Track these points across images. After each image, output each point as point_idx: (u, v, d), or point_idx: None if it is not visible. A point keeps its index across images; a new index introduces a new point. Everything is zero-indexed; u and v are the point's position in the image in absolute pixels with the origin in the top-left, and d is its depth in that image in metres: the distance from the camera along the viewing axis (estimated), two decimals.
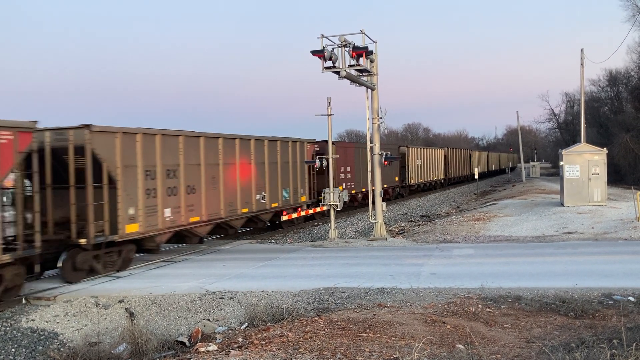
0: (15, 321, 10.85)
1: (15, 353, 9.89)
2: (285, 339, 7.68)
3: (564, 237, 18.12)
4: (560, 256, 14.66)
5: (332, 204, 20.51)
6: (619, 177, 46.16)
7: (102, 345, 9.97)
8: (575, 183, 24.10)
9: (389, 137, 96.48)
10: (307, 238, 22.61)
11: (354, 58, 17.68)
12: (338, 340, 7.53)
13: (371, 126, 19.85)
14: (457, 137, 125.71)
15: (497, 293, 10.54)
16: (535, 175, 64.12)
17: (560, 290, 10.62)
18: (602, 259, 14.16)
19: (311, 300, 11.08)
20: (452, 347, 7.37)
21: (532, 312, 9.35)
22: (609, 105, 59.65)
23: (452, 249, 16.81)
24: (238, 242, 20.01)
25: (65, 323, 10.95)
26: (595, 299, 9.94)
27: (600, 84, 60.02)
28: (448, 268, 13.63)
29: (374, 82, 19.46)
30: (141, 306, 11.42)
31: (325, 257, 16.19)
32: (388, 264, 14.42)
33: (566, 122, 75.91)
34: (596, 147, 25.22)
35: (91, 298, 11.84)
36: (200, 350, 7.89)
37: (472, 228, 21.45)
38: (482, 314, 9.17)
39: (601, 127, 54.65)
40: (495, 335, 8.07)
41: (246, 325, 9.69)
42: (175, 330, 10.53)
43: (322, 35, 17.40)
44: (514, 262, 14.08)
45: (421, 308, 9.57)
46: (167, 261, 16.16)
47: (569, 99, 76.72)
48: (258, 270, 14.40)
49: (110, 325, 10.87)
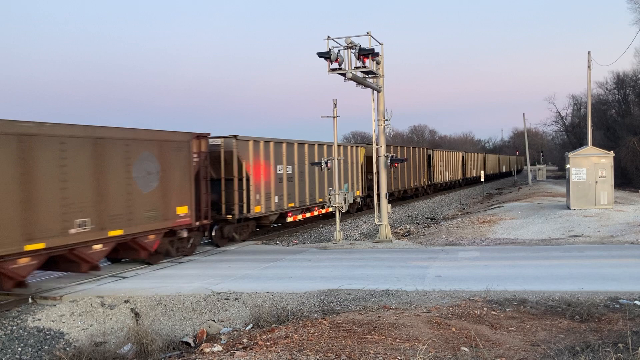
0: (22, 320, 10.90)
1: (22, 352, 9.94)
2: (290, 341, 7.69)
3: (570, 241, 18.05)
4: (566, 259, 14.61)
5: (338, 206, 20.50)
6: (626, 180, 45.95)
7: (107, 345, 10.02)
8: (581, 186, 24.01)
9: (395, 138, 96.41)
10: (312, 239, 22.62)
11: (360, 60, 17.69)
12: (343, 342, 7.54)
13: (377, 128, 19.84)
14: (463, 139, 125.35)
15: (503, 296, 10.51)
16: (541, 178, 63.87)
17: (566, 293, 10.59)
18: (608, 262, 14.09)
19: (316, 301, 11.08)
20: (456, 349, 7.36)
21: (537, 315, 9.33)
22: (616, 108, 59.42)
23: (458, 251, 16.78)
24: (243, 243, 20.04)
25: (71, 323, 11.00)
26: (601, 303, 9.91)
27: (608, 86, 59.84)
28: (453, 271, 13.60)
29: (380, 84, 19.45)
30: (146, 306, 11.46)
31: (330, 258, 16.19)
32: (393, 266, 14.41)
33: (573, 124, 75.60)
34: (603, 150, 25.11)
35: (97, 298, 11.89)
36: (205, 351, 7.91)
37: (478, 230, 21.40)
38: (487, 317, 9.16)
39: (608, 130, 54.44)
40: (500, 338, 8.06)
41: (251, 327, 9.71)
42: (181, 331, 10.57)
43: (329, 37, 17.43)
44: (519, 265, 14.04)
45: (426, 310, 9.56)
46: (173, 262, 16.20)
47: (576, 102, 76.41)
48: (263, 272, 14.42)
49: (116, 326, 10.91)
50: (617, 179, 28.94)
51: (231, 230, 19.32)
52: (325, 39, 17.37)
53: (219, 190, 18.69)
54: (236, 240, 19.61)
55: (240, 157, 18.93)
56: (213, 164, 18.48)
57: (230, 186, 18.94)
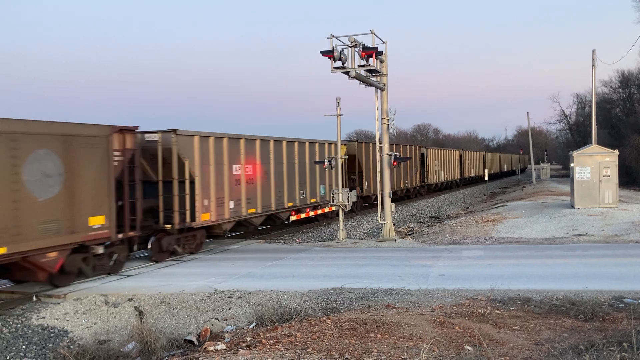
0: (26, 318, 10.94)
1: (26, 350, 9.97)
2: (293, 339, 7.69)
3: (574, 240, 18.01)
4: (570, 258, 14.57)
5: (341, 204, 20.50)
6: (630, 179, 45.81)
7: (111, 344, 10.05)
8: (586, 185, 23.93)
9: (399, 137, 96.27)
10: (316, 238, 22.62)
11: (363, 58, 17.66)
12: (346, 341, 7.53)
13: (380, 127, 19.82)
14: (467, 138, 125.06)
15: (506, 295, 10.50)
16: (545, 176, 63.69)
17: (570, 292, 10.56)
18: (612, 261, 14.05)
19: (319, 300, 11.09)
20: (460, 348, 7.35)
21: (541, 314, 9.31)
22: (620, 107, 59.17)
23: (461, 250, 16.76)
24: (246, 242, 20.07)
25: (75, 321, 11.03)
26: (605, 302, 9.88)
27: (612, 85, 59.56)
28: (457, 269, 13.59)
29: (384, 83, 19.43)
30: (150, 305, 11.49)
31: (333, 257, 16.19)
32: (396, 265, 14.40)
33: (577, 123, 75.35)
34: (607, 149, 25.01)
35: (101, 296, 11.92)
36: (208, 349, 7.92)
37: (482, 229, 21.36)
38: (490, 316, 9.14)
39: (613, 129, 54.22)
40: (504, 337, 8.04)
41: (254, 325, 9.73)
42: (184, 329, 10.59)
43: (332, 36, 17.40)
44: (523, 264, 14.01)
45: (430, 309, 9.55)
46: (176, 260, 16.23)
47: (580, 100, 76.13)
48: (266, 270, 14.43)
49: (120, 324, 10.93)
50: (621, 178, 28.80)
51: (172, 243, 16.29)
52: (329, 38, 17.36)
53: (156, 195, 16.14)
54: (179, 253, 16.60)
55: (182, 155, 16.17)
56: (151, 164, 16.28)
57: (169, 190, 16.12)
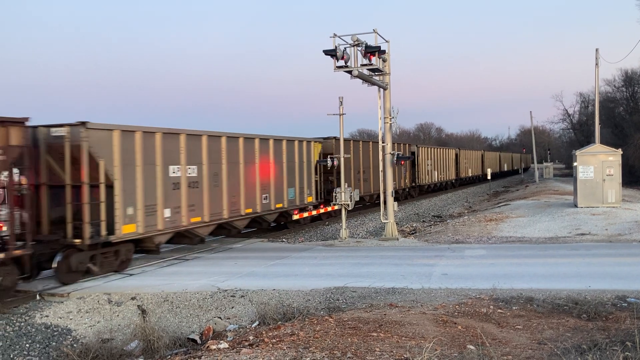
0: (30, 317, 10.98)
1: (30, 348, 10.00)
2: (295, 338, 7.70)
3: (577, 239, 17.97)
4: (573, 258, 14.55)
5: (344, 204, 20.51)
6: (634, 178, 45.71)
7: (114, 342, 10.08)
8: (589, 184, 23.87)
9: (401, 136, 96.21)
10: (318, 237, 22.63)
11: (366, 57, 17.65)
12: (348, 340, 7.54)
13: (383, 126, 19.82)
14: (469, 137, 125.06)
15: (509, 294, 10.49)
16: (548, 176, 63.59)
17: (572, 292, 10.54)
18: (615, 260, 14.02)
19: (322, 299, 11.09)
20: (463, 347, 7.34)
21: (544, 313, 9.30)
22: (624, 106, 59.05)
23: (464, 249, 16.74)
24: (249, 241, 20.09)
25: (78, 319, 11.06)
26: (608, 301, 9.86)
27: (616, 84, 59.48)
28: (460, 269, 13.58)
29: (386, 82, 19.42)
30: (153, 303, 11.51)
31: (336, 256, 16.19)
32: (399, 264, 14.40)
33: (580, 122, 75.20)
34: (611, 148, 24.95)
35: (104, 295, 11.95)
36: (211, 348, 7.93)
37: (485, 229, 21.34)
38: (493, 315, 9.13)
39: (616, 128, 54.14)
40: (507, 336, 8.03)
41: (257, 324, 9.74)
42: (187, 328, 10.60)
43: (335, 35, 17.39)
44: (526, 263, 13.99)
45: (432, 308, 9.54)
46: (179, 259, 16.25)
47: (584, 99, 76.00)
48: (269, 269, 14.44)
49: (123, 322, 10.96)
50: (624, 177, 28.75)
51: (85, 261, 13.28)
52: (332, 37, 17.35)
53: (64, 203, 13.33)
54: (95, 273, 13.62)
55: (96, 154, 13.28)
56: (60, 165, 13.43)
57: (79, 196, 13.23)
